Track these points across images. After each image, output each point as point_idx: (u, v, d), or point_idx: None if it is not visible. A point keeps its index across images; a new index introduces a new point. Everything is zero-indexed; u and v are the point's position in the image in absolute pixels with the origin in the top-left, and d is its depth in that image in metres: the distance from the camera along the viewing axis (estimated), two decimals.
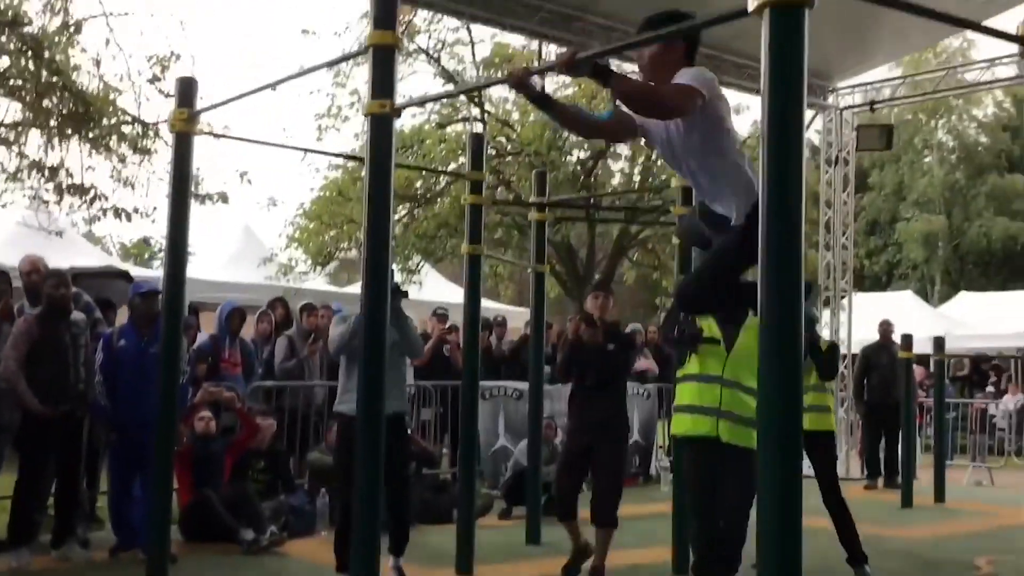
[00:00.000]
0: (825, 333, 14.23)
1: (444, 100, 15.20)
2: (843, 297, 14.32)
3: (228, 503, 7.33)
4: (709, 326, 5.84)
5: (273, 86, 4.73)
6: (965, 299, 24.85)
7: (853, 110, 13.90)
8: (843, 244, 14.08)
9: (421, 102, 6.98)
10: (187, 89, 5.24)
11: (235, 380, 8.81)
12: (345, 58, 4.15)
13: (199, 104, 5.35)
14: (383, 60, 3.96)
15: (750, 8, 2.77)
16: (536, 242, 7.88)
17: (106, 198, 9.60)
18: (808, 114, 13.46)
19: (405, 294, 6.27)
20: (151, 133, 10.29)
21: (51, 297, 6.60)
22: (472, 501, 6.92)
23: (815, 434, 6.77)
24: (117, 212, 9.64)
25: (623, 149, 17.73)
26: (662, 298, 19.18)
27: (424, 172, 13.83)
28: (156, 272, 14.53)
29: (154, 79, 10.04)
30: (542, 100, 3.77)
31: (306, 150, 5.14)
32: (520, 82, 3.67)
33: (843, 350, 13.62)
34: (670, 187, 7.45)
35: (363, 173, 4.07)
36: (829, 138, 14.08)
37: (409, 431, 8.92)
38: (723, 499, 5.01)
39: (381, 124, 3.96)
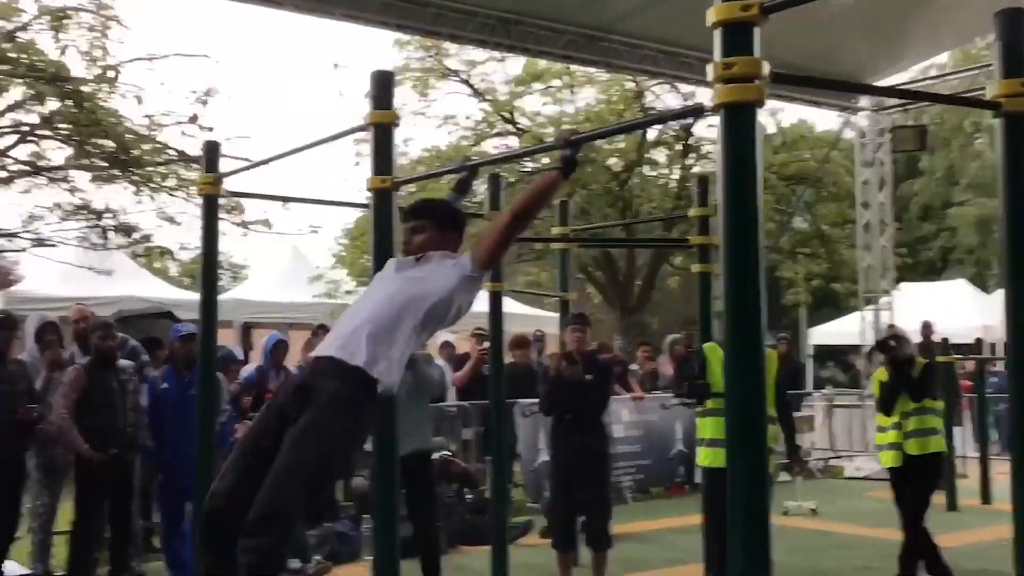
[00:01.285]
0: (868, 334, 14.26)
1: (479, 117, 15.51)
2: (886, 295, 14.30)
3: None
4: (720, 358, 6.10)
5: (290, 154, 4.97)
6: None
7: (887, 111, 13.85)
8: (883, 244, 14.04)
9: (419, 179, 7.21)
10: (212, 154, 5.49)
11: None
12: (349, 132, 4.37)
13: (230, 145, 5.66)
14: (382, 138, 4.18)
15: (708, 106, 2.92)
16: (561, 270, 8.06)
17: (149, 238, 9.99)
18: (840, 119, 13.47)
19: None
20: (194, 166, 10.69)
21: (98, 348, 6.97)
22: (504, 524, 7.06)
23: (919, 458, 6.86)
24: (161, 251, 10.04)
25: (660, 157, 17.84)
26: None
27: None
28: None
29: (193, 118, 10.42)
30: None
31: (322, 202, 5.33)
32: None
33: None
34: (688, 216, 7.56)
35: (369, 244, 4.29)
36: (864, 140, 14.04)
37: (449, 454, 9.23)
38: None
39: (383, 198, 4.19)
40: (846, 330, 19.20)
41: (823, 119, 19.69)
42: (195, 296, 15.48)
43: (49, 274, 12.83)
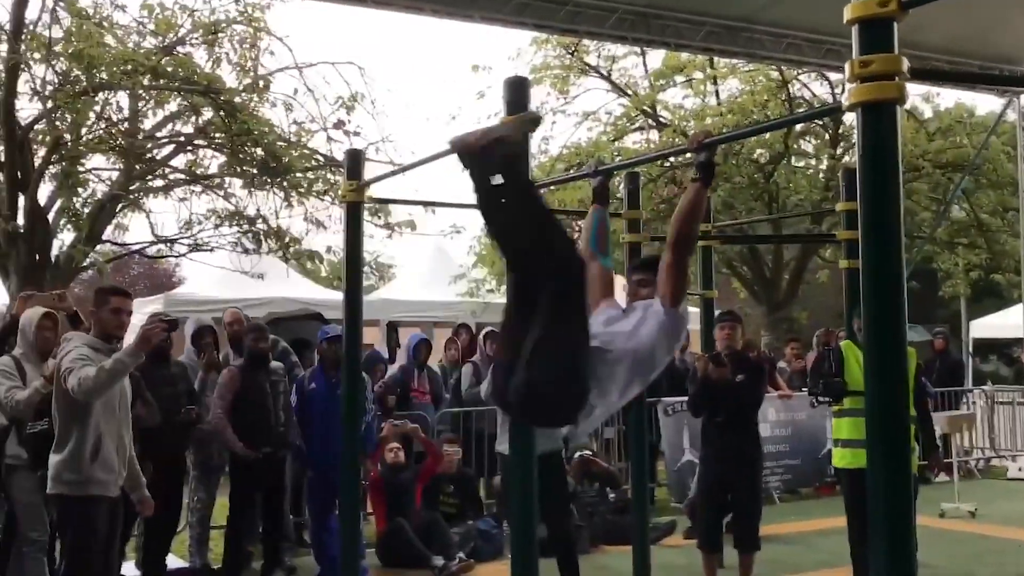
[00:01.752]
0: None
1: (619, 112, 15.42)
2: None
3: (419, 530, 7.78)
4: (860, 363, 5.92)
5: (431, 160, 5.04)
6: None
7: None
8: None
9: (554, 183, 7.19)
10: (355, 162, 5.61)
11: (425, 408, 9.32)
12: None
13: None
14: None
15: (844, 106, 2.83)
16: (702, 268, 7.94)
17: (299, 242, 10.33)
18: (1001, 102, 12.80)
19: None
20: (341, 170, 11.00)
21: (252, 350, 7.27)
22: (646, 524, 6.93)
23: None
24: (311, 255, 10.38)
25: (807, 147, 17.36)
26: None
27: (590, 184, 14.08)
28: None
29: (339, 123, 10.71)
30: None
31: (462, 205, 5.38)
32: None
33: None
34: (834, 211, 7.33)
35: None
36: None
37: (590, 453, 9.23)
38: None
39: None
40: (1009, 323, 18.27)
41: (984, 100, 18.80)
42: (342, 296, 16.06)
43: (206, 277, 13.43)
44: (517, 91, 4.25)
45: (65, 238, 10.45)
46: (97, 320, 5.12)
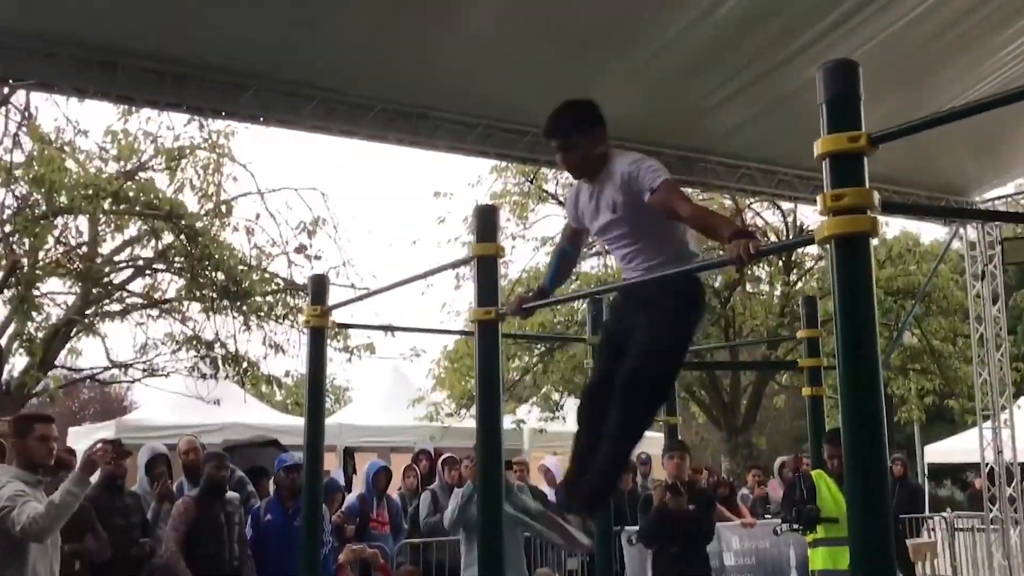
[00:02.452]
0: (988, 454, 13.62)
1: None
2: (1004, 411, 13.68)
3: None
4: (831, 491, 5.91)
5: (396, 287, 5.04)
6: None
7: (998, 222, 13.48)
8: (998, 360, 13.50)
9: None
10: (319, 287, 5.60)
11: (384, 539, 9.07)
12: (453, 265, 4.47)
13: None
14: (486, 270, 4.21)
15: (817, 238, 2.86)
16: None
17: (258, 367, 10.22)
18: (946, 230, 13.03)
19: None
20: (301, 293, 10.97)
21: (211, 477, 7.05)
22: None
23: None
24: (269, 380, 10.25)
25: (761, 273, 17.69)
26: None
27: (555, 309, 14.15)
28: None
29: (300, 248, 10.73)
30: (542, 296, 4.32)
31: (428, 331, 5.35)
32: (517, 310, 4.19)
33: (1011, 469, 13.05)
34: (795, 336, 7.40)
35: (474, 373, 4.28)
36: (973, 252, 13.66)
37: None
38: None
39: (487, 329, 4.19)
40: (962, 448, 18.39)
41: (929, 229, 19.44)
42: (300, 421, 15.78)
43: (160, 402, 13.17)
44: (486, 219, 4.29)
45: (17, 363, 10.26)
46: (23, 450, 4.81)
